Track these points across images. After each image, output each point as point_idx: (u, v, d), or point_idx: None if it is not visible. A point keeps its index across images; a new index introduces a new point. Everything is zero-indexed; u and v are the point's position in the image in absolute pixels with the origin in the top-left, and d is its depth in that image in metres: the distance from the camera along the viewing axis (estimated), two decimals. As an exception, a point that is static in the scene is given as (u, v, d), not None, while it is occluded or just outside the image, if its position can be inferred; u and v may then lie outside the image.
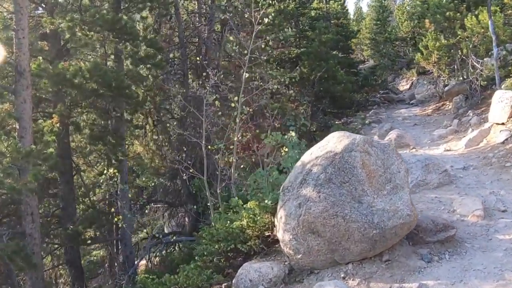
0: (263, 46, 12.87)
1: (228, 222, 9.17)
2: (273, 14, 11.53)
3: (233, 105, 11.03)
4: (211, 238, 9.17)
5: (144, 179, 20.56)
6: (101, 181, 15.53)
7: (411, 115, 27.04)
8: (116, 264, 18.65)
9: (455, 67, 24.68)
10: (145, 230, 21.08)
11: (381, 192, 7.32)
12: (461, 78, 23.39)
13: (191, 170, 11.33)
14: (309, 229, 7.27)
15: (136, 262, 16.39)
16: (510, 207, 9.50)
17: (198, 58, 15.52)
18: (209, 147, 11.52)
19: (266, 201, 8.68)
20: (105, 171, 14.35)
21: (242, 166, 13.05)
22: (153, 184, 20.98)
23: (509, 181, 11.34)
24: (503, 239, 8.03)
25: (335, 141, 7.66)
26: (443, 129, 19.79)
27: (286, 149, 9.43)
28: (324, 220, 7.12)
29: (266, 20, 11.02)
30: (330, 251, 7.32)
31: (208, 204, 11.18)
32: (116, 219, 12.53)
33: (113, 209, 14.28)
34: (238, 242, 8.64)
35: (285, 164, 9.32)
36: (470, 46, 20.20)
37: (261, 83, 12.53)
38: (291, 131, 9.71)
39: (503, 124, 15.05)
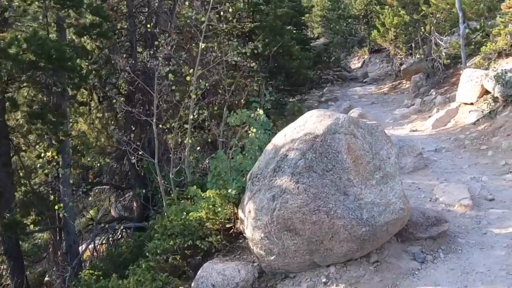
0: (221, 13, 11.65)
1: (184, 213, 7.94)
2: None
3: (188, 78, 9.76)
4: (164, 231, 7.95)
5: (89, 159, 19.08)
6: (38, 166, 14.04)
7: (366, 94, 26.39)
8: (59, 252, 17.23)
9: (413, 45, 24.03)
10: (88, 215, 19.64)
11: (370, 182, 6.19)
12: (420, 56, 22.63)
13: (140, 152, 10.03)
14: (285, 227, 6.06)
15: (81, 252, 15.09)
16: (497, 195, 8.68)
17: (149, 26, 14.11)
18: (161, 126, 10.25)
19: (229, 190, 7.47)
20: (42, 154, 12.87)
21: (198, 148, 11.81)
22: (98, 164, 19.55)
23: (488, 166, 10.59)
24: (500, 234, 7.10)
25: (314, 121, 6.44)
26: (405, 108, 19.06)
27: (253, 129, 8.15)
28: (304, 216, 5.94)
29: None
30: (309, 252, 6.16)
31: (159, 188, 9.95)
32: (56, 207, 11.17)
33: (52, 197, 12.86)
34: (197, 238, 7.43)
35: (251, 147, 8.09)
36: (434, 22, 19.37)
37: (219, 54, 11.24)
38: (258, 109, 8.46)
39: (472, 104, 14.42)
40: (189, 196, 8.70)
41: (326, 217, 5.91)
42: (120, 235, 17.04)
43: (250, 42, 14.36)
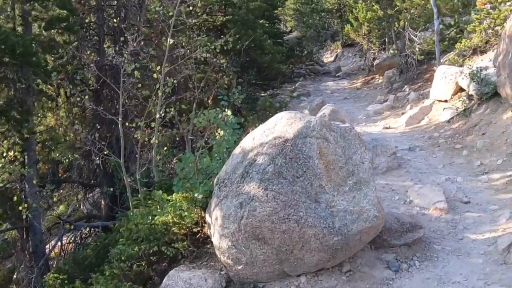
0: (191, 8, 11.29)
1: (150, 217, 7.59)
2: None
3: (155, 76, 9.42)
4: (130, 235, 7.60)
5: (58, 154, 18.62)
6: (0, 166, 13.56)
7: (339, 88, 26.13)
8: (26, 252, 16.80)
9: (386, 40, 23.86)
10: (55, 213, 19.19)
11: (342, 188, 5.91)
12: (393, 51, 22.46)
13: (105, 152, 9.66)
14: (253, 235, 5.77)
15: (47, 251, 14.73)
16: (473, 198, 8.48)
17: (115, 20, 13.68)
18: (127, 124, 9.89)
19: (195, 194, 7.13)
20: (4, 154, 12.45)
21: (165, 148, 11.44)
22: (67, 160, 19.07)
23: (463, 166, 10.38)
24: (477, 240, 6.88)
25: (284, 124, 6.13)
26: (378, 104, 18.81)
27: (220, 132, 7.79)
28: (273, 224, 5.65)
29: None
30: (278, 262, 5.88)
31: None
32: (21, 208, 10.80)
33: (15, 197, 12.44)
34: (163, 244, 7.09)
35: (219, 149, 7.75)
36: (408, 17, 19.19)
37: (188, 50, 10.89)
38: (226, 109, 8.12)
39: (446, 101, 14.22)
40: (156, 202, 8.38)
41: (297, 225, 5.63)
42: (88, 233, 16.70)
43: (222, 36, 14.05)
